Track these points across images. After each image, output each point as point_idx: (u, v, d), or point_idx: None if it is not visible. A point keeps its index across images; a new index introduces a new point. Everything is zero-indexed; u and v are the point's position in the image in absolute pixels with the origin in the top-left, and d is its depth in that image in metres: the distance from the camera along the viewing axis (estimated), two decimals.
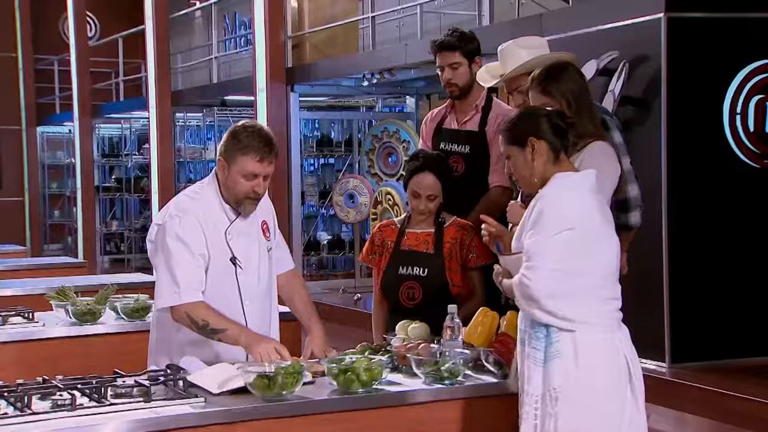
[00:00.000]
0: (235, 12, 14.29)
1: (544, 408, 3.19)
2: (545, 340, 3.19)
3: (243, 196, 3.57)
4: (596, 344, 3.20)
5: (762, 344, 6.15)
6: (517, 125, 3.33)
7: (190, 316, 3.50)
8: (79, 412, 3.00)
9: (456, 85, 4.55)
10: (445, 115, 4.72)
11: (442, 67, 4.57)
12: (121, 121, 16.38)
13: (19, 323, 4.82)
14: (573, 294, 3.17)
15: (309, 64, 10.57)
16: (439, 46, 4.56)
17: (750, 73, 6.19)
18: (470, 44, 4.56)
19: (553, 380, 3.17)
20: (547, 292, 3.14)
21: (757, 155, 6.22)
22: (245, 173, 3.52)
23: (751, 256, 6.18)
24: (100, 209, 16.88)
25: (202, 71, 14.84)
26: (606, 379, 3.21)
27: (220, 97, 12.74)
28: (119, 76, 16.37)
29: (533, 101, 3.79)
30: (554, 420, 3.16)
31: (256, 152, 3.50)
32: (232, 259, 3.61)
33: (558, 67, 3.80)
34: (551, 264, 3.13)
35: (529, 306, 3.19)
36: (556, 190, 3.23)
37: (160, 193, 12.79)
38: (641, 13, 6.13)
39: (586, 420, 3.17)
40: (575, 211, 3.19)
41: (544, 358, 3.19)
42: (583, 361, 3.17)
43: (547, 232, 3.15)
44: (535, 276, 3.13)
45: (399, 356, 3.56)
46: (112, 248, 17.09)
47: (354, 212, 10.82)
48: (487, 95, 4.66)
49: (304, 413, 3.18)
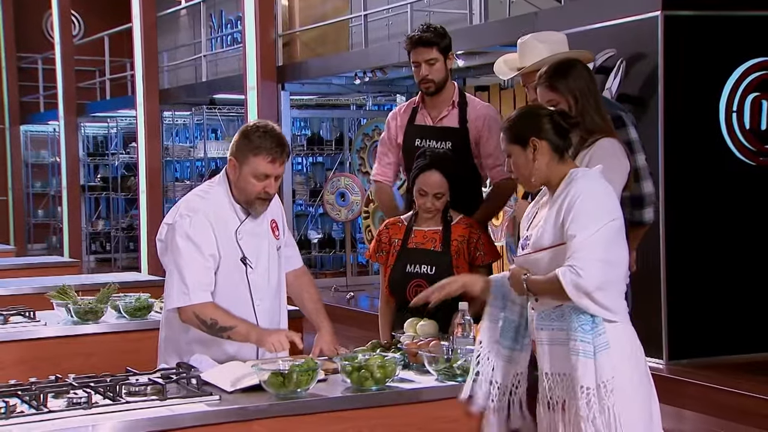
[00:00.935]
0: (221, 10, 14.25)
1: (600, 401, 3.14)
2: (592, 333, 3.15)
3: (254, 197, 3.55)
4: (632, 335, 3.23)
5: (758, 340, 6.20)
6: (518, 124, 3.30)
7: (199, 316, 3.49)
8: (96, 410, 2.98)
9: (432, 81, 4.52)
10: (415, 111, 4.67)
11: (417, 63, 4.52)
12: (107, 119, 16.30)
13: (20, 322, 4.79)
14: (614, 284, 3.17)
15: (300, 62, 10.56)
16: (416, 42, 4.51)
17: (746, 70, 6.24)
18: (445, 40, 4.55)
19: (605, 373, 3.14)
20: (597, 283, 3.10)
21: (753, 153, 6.26)
22: (257, 174, 3.50)
23: (748, 253, 6.23)
24: (85, 208, 16.81)
25: (188, 70, 14.79)
26: (642, 367, 3.23)
27: (209, 96, 12.70)
28: (105, 74, 16.29)
29: (540, 97, 3.79)
30: (611, 411, 3.13)
31: (268, 153, 3.48)
32: (243, 258, 3.59)
33: (566, 64, 3.79)
34: (601, 255, 3.11)
35: (580, 298, 3.13)
36: (590, 183, 3.20)
37: (148, 191, 12.75)
38: (638, 11, 6.17)
39: (636, 409, 3.16)
40: (612, 201, 3.21)
41: (594, 350, 3.16)
42: (627, 351, 3.18)
43: (595, 223, 3.11)
44: (586, 266, 3.09)
45: (410, 354, 3.55)
46: (98, 247, 17.02)
47: (345, 211, 10.82)
48: (459, 91, 4.66)
49: (319, 411, 3.17)
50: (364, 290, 10.93)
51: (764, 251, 6.27)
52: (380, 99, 12.15)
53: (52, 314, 4.94)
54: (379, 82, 10.31)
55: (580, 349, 3.16)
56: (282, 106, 10.39)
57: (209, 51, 13.10)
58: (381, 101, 12.23)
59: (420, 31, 4.53)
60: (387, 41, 10.17)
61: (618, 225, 3.17)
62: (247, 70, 10.37)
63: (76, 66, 16.12)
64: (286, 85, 10.51)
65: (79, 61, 16.51)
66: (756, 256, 6.23)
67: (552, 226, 3.22)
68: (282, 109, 10.37)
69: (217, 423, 3.04)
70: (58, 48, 15.68)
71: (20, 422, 2.86)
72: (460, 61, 8.47)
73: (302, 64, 10.49)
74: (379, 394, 3.26)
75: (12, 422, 2.86)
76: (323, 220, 12.45)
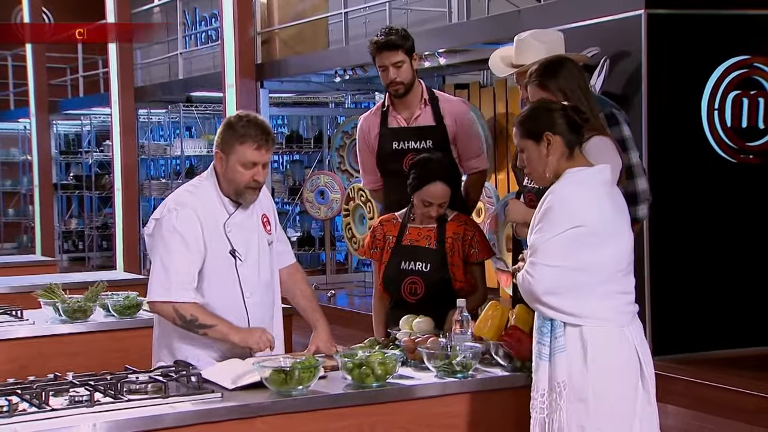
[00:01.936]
0: (195, 8, 14.19)
1: (552, 401, 3.21)
2: (550, 335, 3.20)
3: (244, 186, 3.58)
4: (605, 338, 3.21)
5: (741, 336, 6.26)
6: (532, 119, 3.32)
7: (178, 311, 3.52)
8: (98, 408, 2.97)
9: (402, 83, 4.55)
10: (386, 115, 4.68)
11: (384, 66, 4.55)
12: (80, 117, 16.17)
13: (8, 321, 4.75)
14: (576, 290, 3.17)
15: (279, 60, 10.54)
16: (382, 46, 4.54)
17: (727, 69, 6.29)
18: (409, 41, 4.60)
19: (558, 374, 3.19)
20: (545, 288, 3.15)
21: (735, 150, 6.32)
22: (244, 162, 3.54)
23: (730, 250, 6.29)
24: (58, 207, 16.67)
25: (162, 68, 14.70)
26: (616, 372, 3.22)
27: (185, 93, 12.64)
28: (78, 71, 16.16)
29: (531, 96, 3.81)
30: (561, 413, 3.18)
31: (254, 140, 3.53)
32: (232, 251, 3.61)
33: (556, 63, 3.82)
34: (552, 261, 3.15)
35: (531, 302, 3.21)
36: (565, 186, 3.23)
37: (124, 189, 12.67)
38: (622, 9, 6.21)
39: (596, 413, 3.19)
40: (583, 209, 3.20)
41: (549, 352, 3.21)
42: (591, 355, 3.19)
43: (553, 229, 3.16)
44: (536, 272, 3.15)
45: (408, 350, 3.57)
46: (70, 246, 16.89)
47: (325, 209, 10.80)
48: (427, 88, 4.68)
49: (321, 407, 3.18)
50: (343, 288, 10.93)
51: (746, 247, 6.33)
52: (359, 97, 12.15)
53: (39, 313, 4.91)
54: (358, 80, 10.30)
55: (537, 350, 3.24)
56: (261, 104, 10.35)
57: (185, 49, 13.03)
58: (359, 99, 12.22)
59: (384, 35, 4.54)
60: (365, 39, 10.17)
61: (584, 232, 3.16)
62: (225, 67, 10.33)
63: (47, 63, 15.98)
64: (265, 83, 10.48)
65: (51, 58, 16.37)
66: (738, 252, 6.29)
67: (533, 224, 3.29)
68: (261, 107, 10.33)
69: (221, 420, 3.05)
70: (29, 45, 15.52)
71: (24, 420, 2.85)
72: (441, 59, 8.48)
73: (282, 61, 10.46)
74: (380, 390, 3.28)
75: (15, 420, 2.85)
76: (302, 218, 12.42)
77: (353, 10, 9.96)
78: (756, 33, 6.37)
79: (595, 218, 3.19)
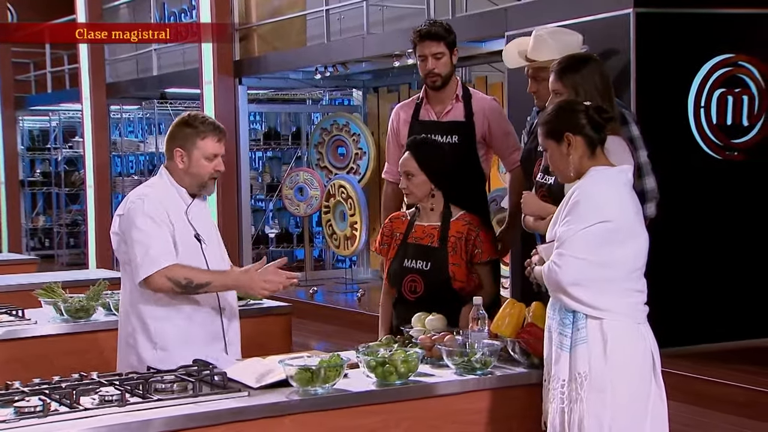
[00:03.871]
0: (164, 3, 14.10)
1: (571, 392, 3.27)
2: (572, 327, 3.27)
3: (208, 177, 3.80)
4: (624, 333, 3.29)
5: (733, 329, 6.37)
6: (554, 119, 3.39)
7: (172, 279, 3.64)
8: (129, 407, 2.97)
9: (439, 75, 4.56)
10: (419, 107, 4.71)
11: (424, 56, 4.55)
12: (49, 113, 15.98)
13: (9, 321, 4.71)
14: (598, 283, 3.26)
15: (258, 56, 10.51)
16: (424, 35, 4.54)
17: (713, 67, 6.40)
18: (452, 35, 4.61)
19: (578, 365, 3.25)
20: (572, 279, 3.23)
21: (720, 147, 6.44)
22: (208, 155, 3.77)
23: (718, 245, 6.40)
24: (24, 204, 16.47)
25: (129, 63, 14.60)
26: (633, 366, 3.29)
27: (159, 90, 12.55)
28: (46, 67, 15.96)
29: (550, 85, 3.90)
30: (581, 403, 3.25)
31: (214, 134, 3.79)
32: (196, 235, 3.79)
33: (580, 60, 3.91)
34: (579, 253, 3.23)
35: (556, 292, 3.28)
36: (593, 183, 3.31)
37: (96, 186, 12.55)
38: (611, 8, 6.29)
39: (612, 405, 3.25)
40: (610, 205, 3.28)
41: (571, 343, 3.27)
42: (610, 347, 3.26)
43: (581, 222, 3.24)
44: (563, 263, 3.23)
45: (425, 348, 3.59)
46: (37, 244, 16.70)
47: (304, 205, 10.80)
48: (462, 85, 4.71)
49: (348, 405, 3.21)
50: (323, 284, 10.94)
51: (732, 242, 6.45)
52: (336, 93, 12.14)
53: (40, 312, 4.87)
54: (337, 77, 10.30)
55: (558, 341, 3.30)
56: (239, 101, 10.33)
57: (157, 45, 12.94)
58: (336, 96, 12.22)
59: (428, 25, 4.56)
60: (339, 36, 10.17)
61: (611, 227, 3.25)
62: (203, 64, 10.28)
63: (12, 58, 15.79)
64: (244, 80, 10.45)
65: (15, 53, 16.15)
66: (726, 247, 6.41)
67: (555, 218, 3.36)
68: (239, 104, 10.30)
69: (250, 419, 3.06)
70: None
71: (58, 420, 2.84)
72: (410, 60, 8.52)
73: (261, 58, 10.43)
74: (405, 387, 3.30)
75: (49, 420, 2.84)
76: (280, 215, 12.40)
77: (335, 7, 9.95)
78: (741, 31, 6.50)
79: (620, 216, 3.27)
